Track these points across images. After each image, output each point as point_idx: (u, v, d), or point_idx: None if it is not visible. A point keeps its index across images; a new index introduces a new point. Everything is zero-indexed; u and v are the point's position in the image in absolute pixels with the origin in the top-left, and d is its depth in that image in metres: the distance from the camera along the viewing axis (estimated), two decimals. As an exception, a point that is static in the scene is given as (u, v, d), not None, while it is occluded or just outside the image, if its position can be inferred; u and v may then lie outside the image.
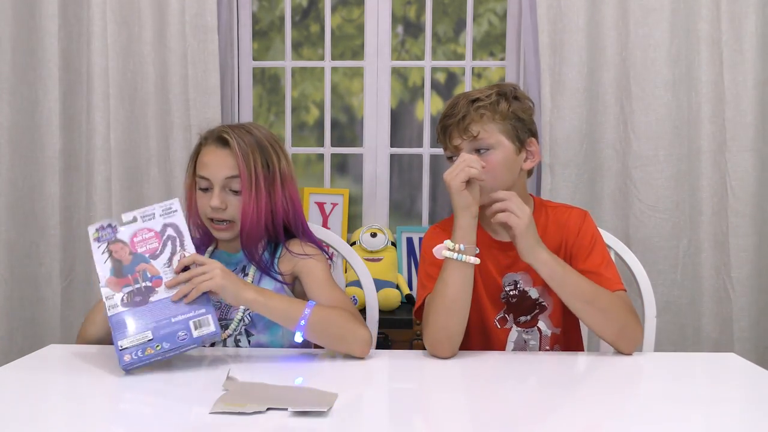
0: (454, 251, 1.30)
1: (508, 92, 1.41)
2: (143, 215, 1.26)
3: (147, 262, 1.23)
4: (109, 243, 1.24)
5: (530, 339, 1.45)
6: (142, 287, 1.21)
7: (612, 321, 1.32)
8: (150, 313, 1.20)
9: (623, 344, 1.34)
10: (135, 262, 1.23)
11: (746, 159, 2.03)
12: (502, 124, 1.38)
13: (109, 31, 2.10)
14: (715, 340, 2.06)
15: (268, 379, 1.13)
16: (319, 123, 2.46)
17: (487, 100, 1.38)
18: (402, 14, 2.50)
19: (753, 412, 1.04)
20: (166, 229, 1.26)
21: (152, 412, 0.99)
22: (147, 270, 1.23)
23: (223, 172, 1.37)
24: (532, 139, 1.43)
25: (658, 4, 2.04)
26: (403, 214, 2.49)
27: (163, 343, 1.17)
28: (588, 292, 1.32)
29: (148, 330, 1.18)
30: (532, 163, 1.44)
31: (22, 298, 2.15)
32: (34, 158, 2.14)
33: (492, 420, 0.98)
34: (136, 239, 1.24)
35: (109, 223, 1.25)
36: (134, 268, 1.22)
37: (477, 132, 1.36)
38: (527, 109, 1.43)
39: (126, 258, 1.23)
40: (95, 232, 1.25)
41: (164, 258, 1.24)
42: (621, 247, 1.63)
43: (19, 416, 0.97)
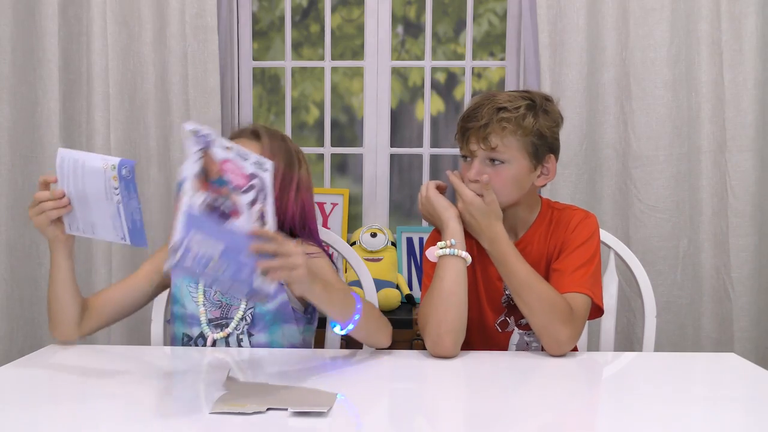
0: (446, 247, 1.33)
1: (538, 104, 1.38)
2: (239, 152, 1.11)
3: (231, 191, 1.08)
4: (204, 149, 1.07)
5: (532, 341, 1.45)
6: (223, 207, 1.06)
7: (536, 317, 1.31)
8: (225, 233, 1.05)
9: (545, 342, 1.32)
10: (220, 183, 1.07)
11: (746, 159, 2.03)
12: (523, 139, 1.35)
13: (109, 31, 2.10)
14: (715, 340, 2.06)
15: (268, 379, 1.13)
16: (319, 123, 2.46)
17: (514, 112, 1.34)
18: (402, 14, 2.50)
19: (753, 412, 1.04)
20: (253, 177, 1.11)
21: (152, 412, 0.99)
22: (230, 198, 1.07)
23: None
24: (551, 156, 1.40)
25: (658, 4, 2.04)
26: (403, 214, 2.49)
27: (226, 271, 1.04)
28: (519, 282, 1.32)
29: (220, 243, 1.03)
30: (545, 180, 1.42)
31: (22, 298, 2.15)
32: (34, 158, 2.14)
33: (492, 420, 0.98)
34: (226, 166, 1.08)
35: (209, 133, 1.08)
36: (220, 189, 1.07)
37: (496, 145, 1.34)
38: (553, 126, 1.40)
39: (214, 173, 1.07)
40: (192, 130, 1.07)
41: (247, 198, 1.09)
42: (621, 247, 1.63)
43: (19, 416, 0.97)
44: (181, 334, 1.42)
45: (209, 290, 1.43)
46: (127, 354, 1.36)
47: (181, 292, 1.44)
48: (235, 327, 1.39)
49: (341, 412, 0.98)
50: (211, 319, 1.41)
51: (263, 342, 1.40)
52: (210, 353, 1.34)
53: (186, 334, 1.42)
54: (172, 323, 1.45)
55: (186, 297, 1.43)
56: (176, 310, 1.44)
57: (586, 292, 1.35)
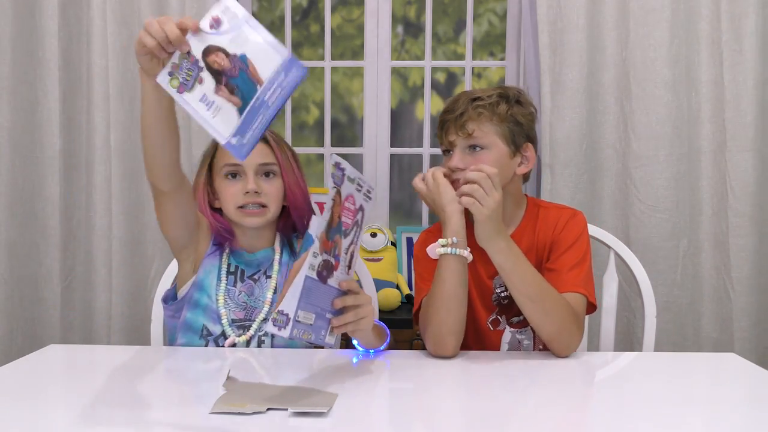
0: (448, 246, 1.32)
1: (511, 95, 1.41)
2: (359, 182, 1.11)
3: (341, 236, 1.09)
4: (338, 189, 1.07)
5: (524, 339, 1.45)
6: (331, 262, 1.08)
7: (551, 323, 1.30)
8: (323, 296, 1.08)
9: (557, 346, 1.32)
10: (336, 230, 1.09)
11: (746, 159, 2.03)
12: (499, 126, 1.38)
13: (109, 31, 2.10)
14: (715, 340, 2.06)
15: (268, 379, 1.13)
16: (319, 123, 2.46)
17: (487, 100, 1.39)
18: (402, 14, 2.50)
19: (753, 412, 1.04)
20: (359, 211, 1.14)
21: (152, 412, 0.99)
22: (338, 246, 1.09)
23: (256, 158, 1.39)
24: (529, 145, 1.42)
25: (658, 4, 2.04)
26: (403, 214, 2.49)
27: (311, 333, 1.07)
28: (534, 290, 1.31)
29: (314, 313, 1.07)
30: (526, 168, 1.43)
31: (22, 298, 2.15)
32: (34, 158, 2.14)
33: (492, 420, 0.98)
34: (347, 203, 1.10)
35: (345, 168, 1.07)
36: (334, 237, 1.08)
37: (472, 130, 1.37)
38: (528, 114, 1.42)
39: (335, 220, 1.08)
40: (333, 166, 1.07)
41: (348, 241, 1.12)
42: (621, 247, 1.63)
43: (19, 416, 0.97)
44: (201, 325, 1.39)
45: (233, 290, 1.41)
46: (127, 354, 1.36)
47: (209, 281, 1.42)
48: (256, 329, 1.39)
49: (341, 412, 0.98)
50: (234, 319, 1.39)
51: (283, 344, 1.40)
52: (210, 353, 1.34)
53: (207, 327, 1.39)
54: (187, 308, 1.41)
55: (212, 290, 1.41)
56: (199, 298, 1.40)
57: (582, 291, 1.36)
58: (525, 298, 1.31)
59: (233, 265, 1.44)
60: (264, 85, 1.01)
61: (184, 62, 1.02)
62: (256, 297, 1.42)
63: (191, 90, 1.01)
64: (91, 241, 2.15)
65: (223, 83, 1.01)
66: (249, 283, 1.43)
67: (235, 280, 1.43)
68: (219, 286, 1.41)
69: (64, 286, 2.15)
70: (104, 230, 2.13)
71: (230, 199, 1.40)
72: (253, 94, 1.01)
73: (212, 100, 1.01)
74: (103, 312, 2.13)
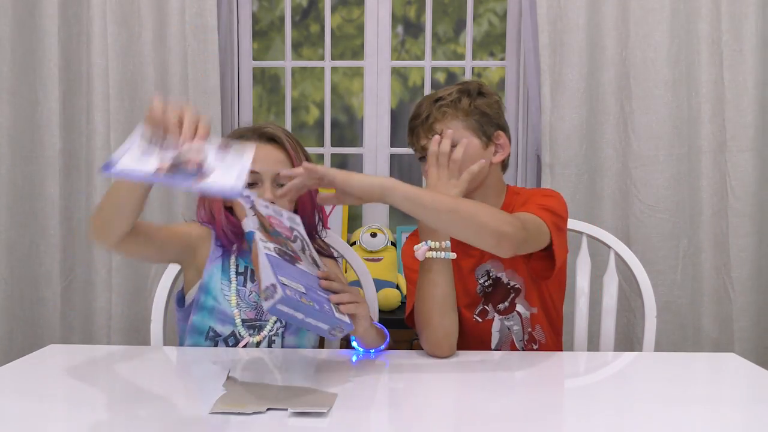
0: (437, 250, 1.31)
1: (471, 89, 1.43)
2: (274, 210, 1.19)
3: (286, 240, 1.15)
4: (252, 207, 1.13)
5: (512, 325, 1.46)
6: (289, 252, 1.13)
7: (481, 224, 1.18)
8: (300, 274, 1.10)
9: (486, 243, 1.21)
10: (276, 234, 1.14)
11: (746, 159, 2.03)
12: (466, 120, 1.40)
13: (109, 31, 2.10)
14: (715, 340, 2.06)
15: (269, 379, 1.13)
16: (319, 123, 2.46)
17: (449, 98, 1.41)
18: (402, 14, 2.50)
19: (753, 412, 1.04)
20: (293, 230, 1.21)
21: (152, 412, 0.99)
22: (286, 245, 1.13)
23: (275, 166, 1.39)
24: (500, 132, 1.43)
25: (658, 4, 2.04)
26: (403, 214, 2.47)
27: (315, 303, 1.07)
28: (447, 202, 1.20)
29: (300, 284, 1.08)
30: (502, 155, 1.44)
31: (22, 298, 2.15)
32: (34, 158, 2.14)
33: (492, 419, 0.98)
34: (272, 220, 1.16)
35: (249, 195, 1.14)
36: (278, 238, 1.13)
37: (440, 130, 1.38)
38: (493, 104, 1.43)
39: (268, 226, 1.14)
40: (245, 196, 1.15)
41: (297, 247, 1.17)
42: (621, 247, 1.63)
43: (19, 416, 0.97)
44: (207, 327, 1.39)
45: (243, 290, 1.41)
46: (127, 354, 1.36)
47: (214, 284, 1.42)
48: (269, 329, 1.39)
49: (341, 412, 0.98)
50: (245, 320, 1.39)
51: (293, 344, 1.41)
52: (210, 353, 1.34)
53: (213, 328, 1.39)
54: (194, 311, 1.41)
55: (218, 292, 1.41)
56: (205, 301, 1.40)
57: (542, 217, 1.31)
58: (443, 215, 1.19)
59: (242, 265, 1.44)
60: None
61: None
62: None
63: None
64: (91, 241, 2.15)
65: None
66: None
67: (244, 280, 1.43)
68: (230, 287, 1.41)
69: (64, 286, 2.15)
70: (104, 230, 2.13)
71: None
72: None
73: None
74: (103, 312, 2.13)
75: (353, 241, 2.25)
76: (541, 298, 1.47)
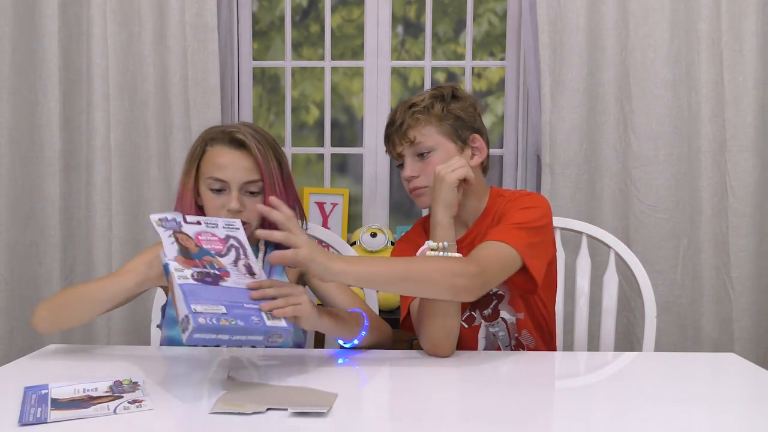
0: (439, 250, 1.30)
1: (445, 94, 1.42)
2: (207, 222, 1.21)
3: (213, 257, 1.16)
4: (175, 231, 1.16)
5: (498, 331, 1.45)
6: (212, 273, 1.13)
7: (435, 283, 1.20)
8: (222, 293, 1.10)
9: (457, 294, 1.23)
10: (202, 254, 1.15)
11: (746, 159, 2.03)
12: (439, 125, 1.40)
13: (109, 31, 2.11)
14: (715, 340, 2.06)
15: (268, 380, 1.13)
16: (319, 123, 2.46)
17: (422, 104, 1.41)
18: (402, 14, 2.49)
19: (753, 412, 1.04)
20: (228, 239, 1.21)
21: (152, 412, 0.99)
22: (214, 262, 1.15)
23: (242, 175, 1.37)
24: (475, 136, 1.42)
25: (658, 4, 2.04)
26: (403, 214, 2.49)
27: (238, 321, 1.06)
28: (397, 272, 1.21)
29: (221, 305, 1.07)
30: (480, 158, 1.43)
31: (22, 298, 2.15)
32: (34, 158, 2.14)
33: (492, 419, 0.98)
34: (201, 237, 1.18)
35: (174, 218, 1.18)
36: (202, 257, 1.15)
37: (414, 137, 1.40)
38: (467, 107, 1.42)
39: (192, 248, 1.15)
40: (158, 220, 1.16)
41: (230, 259, 1.18)
42: (621, 247, 1.63)
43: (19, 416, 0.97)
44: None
45: None
46: (127, 354, 1.36)
47: None
48: None
49: (341, 412, 0.98)
50: None
51: None
52: (210, 353, 1.34)
53: None
54: (166, 328, 1.43)
55: None
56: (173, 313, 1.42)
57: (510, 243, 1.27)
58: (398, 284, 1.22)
59: None
60: None
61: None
62: None
63: None
64: (91, 241, 2.15)
65: None
66: None
67: None
68: None
69: (64, 286, 2.15)
70: (104, 230, 2.13)
71: (213, 211, 1.39)
72: None
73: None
74: (103, 312, 2.13)
75: (353, 241, 2.25)
76: (527, 303, 1.45)
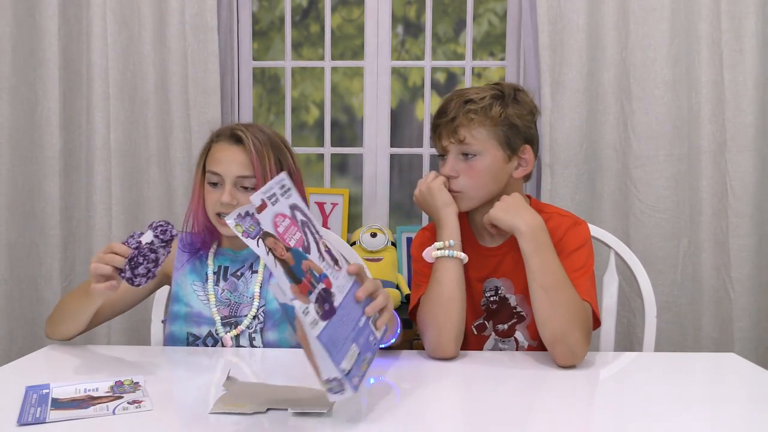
0: (444, 248, 1.31)
1: (506, 94, 1.36)
2: (268, 197, 0.96)
3: (306, 258, 0.96)
4: (262, 237, 0.93)
5: (506, 348, 1.43)
6: (321, 291, 0.95)
7: (559, 320, 1.23)
8: (344, 322, 0.96)
9: (560, 350, 1.23)
10: (297, 260, 0.95)
11: (746, 159, 2.03)
12: (493, 130, 1.34)
13: (109, 31, 2.11)
14: (715, 340, 2.06)
15: (268, 380, 1.13)
16: (319, 123, 2.46)
17: (480, 103, 1.33)
18: (402, 14, 2.49)
19: (753, 412, 1.04)
20: (294, 212, 0.99)
21: (152, 412, 0.99)
22: (312, 268, 0.97)
23: (236, 169, 1.39)
24: (526, 147, 1.37)
25: (658, 4, 2.04)
26: (403, 214, 2.49)
27: (367, 353, 0.98)
28: (551, 280, 1.24)
29: (353, 342, 0.96)
30: (524, 171, 1.39)
31: (22, 298, 2.15)
32: (34, 158, 2.14)
33: (492, 420, 0.98)
34: (279, 229, 0.95)
35: (247, 211, 0.94)
36: (302, 268, 0.95)
37: (464, 137, 1.33)
38: (525, 114, 1.36)
39: (287, 256, 0.94)
40: (237, 224, 0.93)
41: (314, 251, 0.99)
42: (621, 247, 1.63)
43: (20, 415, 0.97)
44: (186, 334, 1.42)
45: (216, 288, 1.44)
46: (127, 354, 1.36)
47: (184, 290, 1.45)
48: (247, 325, 1.40)
49: (341, 412, 0.98)
50: (220, 317, 1.41)
51: (273, 339, 1.40)
52: (209, 353, 1.34)
53: (192, 333, 1.41)
54: (169, 323, 1.45)
55: (191, 296, 1.43)
56: (179, 309, 1.43)
57: (588, 299, 1.29)
58: (539, 287, 1.25)
59: (216, 265, 1.47)
60: None
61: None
62: (240, 293, 1.43)
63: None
64: (91, 241, 2.15)
65: None
66: (232, 280, 1.45)
67: (217, 279, 1.45)
68: (203, 287, 1.44)
69: (64, 286, 2.15)
70: (104, 230, 2.13)
71: (210, 206, 1.42)
72: None
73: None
74: (103, 312, 2.13)
75: (353, 241, 2.25)
76: None
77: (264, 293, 1.42)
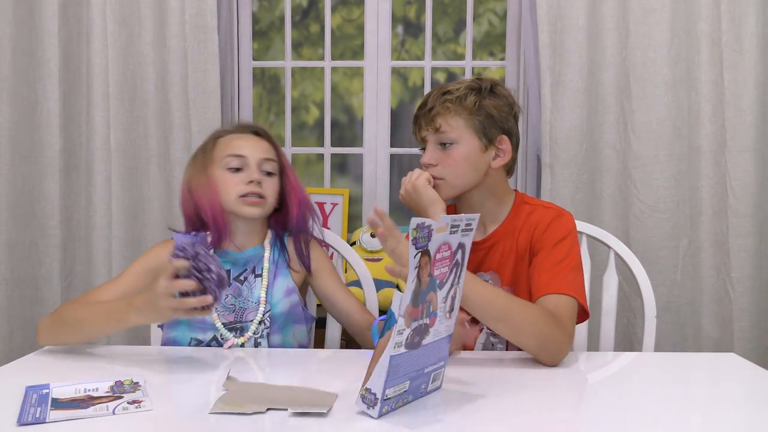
0: None
1: (483, 87, 1.39)
2: (453, 224, 0.98)
3: (435, 291, 0.99)
4: (422, 252, 0.94)
5: (497, 342, 1.43)
6: (423, 325, 0.98)
7: (527, 338, 1.24)
8: (418, 359, 1.00)
9: (543, 358, 1.25)
10: (428, 289, 0.98)
11: (746, 159, 2.03)
12: (469, 119, 1.36)
13: (109, 31, 2.11)
14: (715, 340, 2.06)
15: (268, 380, 1.13)
16: (319, 123, 2.46)
17: (456, 93, 1.37)
18: (402, 14, 2.50)
19: (753, 412, 1.04)
20: (457, 251, 1.02)
21: (152, 412, 0.99)
22: (432, 303, 0.99)
23: (260, 152, 1.43)
24: (503, 137, 1.39)
25: (658, 4, 2.04)
26: (403, 214, 2.49)
27: (409, 396, 1.02)
28: (498, 309, 1.23)
29: (408, 379, 1.00)
30: (502, 161, 1.40)
31: (22, 298, 2.15)
32: (34, 158, 2.14)
33: (492, 420, 0.98)
34: (437, 255, 0.97)
35: (429, 224, 0.94)
36: (426, 297, 0.98)
37: (440, 125, 1.37)
38: (502, 106, 1.39)
39: (425, 281, 0.96)
40: (415, 229, 0.92)
41: (445, 290, 1.01)
42: (621, 247, 1.63)
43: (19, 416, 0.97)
44: (189, 339, 1.40)
45: None
46: (127, 354, 1.36)
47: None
48: (254, 330, 1.39)
49: (341, 412, 0.98)
50: (224, 323, 1.39)
51: (277, 343, 1.40)
52: (209, 354, 1.34)
53: (195, 338, 1.40)
54: (170, 328, 1.43)
55: None
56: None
57: (568, 292, 1.29)
58: (492, 320, 1.25)
59: None
60: None
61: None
62: (244, 298, 1.41)
63: None
64: (91, 241, 2.15)
65: None
66: (235, 285, 1.42)
67: None
68: None
69: (64, 286, 2.15)
70: (104, 230, 2.13)
71: (232, 188, 1.40)
72: None
73: None
74: (103, 312, 2.13)
75: (353, 241, 2.25)
76: None
77: (269, 298, 1.41)
